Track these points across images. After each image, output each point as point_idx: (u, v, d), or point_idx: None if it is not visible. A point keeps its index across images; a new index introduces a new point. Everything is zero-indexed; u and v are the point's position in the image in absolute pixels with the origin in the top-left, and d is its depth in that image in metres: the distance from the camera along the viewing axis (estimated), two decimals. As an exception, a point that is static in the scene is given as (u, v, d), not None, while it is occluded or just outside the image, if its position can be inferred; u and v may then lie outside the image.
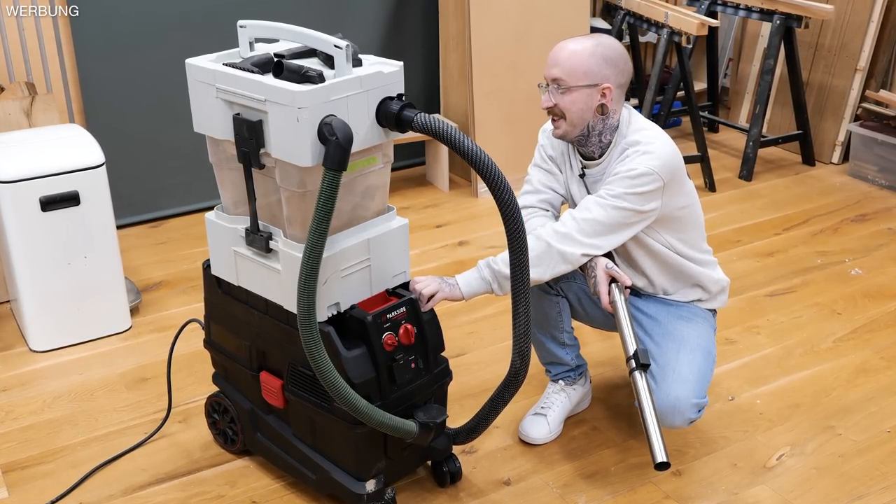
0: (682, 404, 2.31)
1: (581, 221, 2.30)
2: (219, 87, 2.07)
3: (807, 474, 2.54)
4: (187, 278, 3.61)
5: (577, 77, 2.27)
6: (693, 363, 2.36)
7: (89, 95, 3.85)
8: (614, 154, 2.36)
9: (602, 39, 2.31)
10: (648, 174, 2.25)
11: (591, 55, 2.27)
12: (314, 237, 1.94)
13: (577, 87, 2.28)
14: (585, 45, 2.29)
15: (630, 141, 2.32)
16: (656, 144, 2.29)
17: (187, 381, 2.94)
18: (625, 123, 2.35)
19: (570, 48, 2.30)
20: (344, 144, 1.92)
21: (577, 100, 2.29)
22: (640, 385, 2.20)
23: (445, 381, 2.36)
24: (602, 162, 2.38)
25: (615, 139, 2.36)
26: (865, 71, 4.69)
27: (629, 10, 4.72)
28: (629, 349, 2.25)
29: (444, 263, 3.76)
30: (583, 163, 2.43)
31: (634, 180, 2.26)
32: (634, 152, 2.29)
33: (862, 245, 3.92)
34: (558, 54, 2.30)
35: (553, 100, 2.32)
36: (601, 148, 2.37)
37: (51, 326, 3.10)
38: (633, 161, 2.28)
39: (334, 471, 2.29)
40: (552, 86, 2.31)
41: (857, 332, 3.26)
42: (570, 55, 2.28)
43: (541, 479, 2.52)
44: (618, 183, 2.28)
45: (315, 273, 1.96)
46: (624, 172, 2.28)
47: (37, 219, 2.95)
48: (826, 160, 4.88)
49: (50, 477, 2.53)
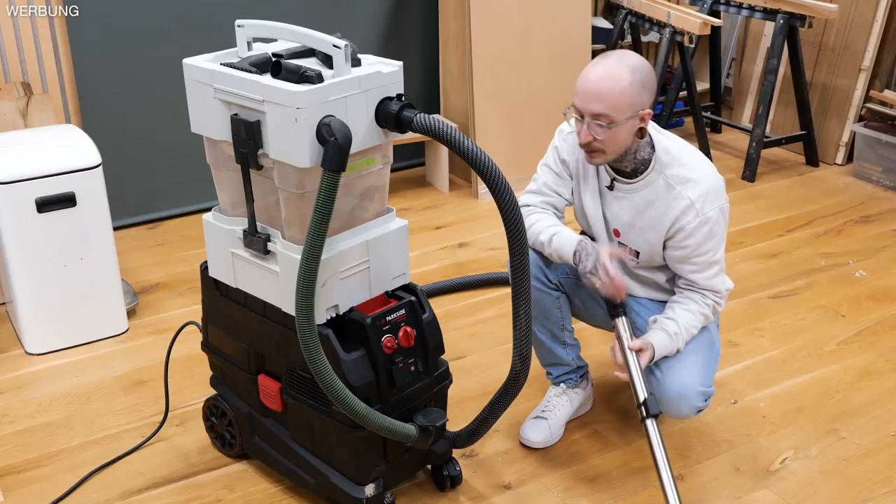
0: (689, 391, 2.34)
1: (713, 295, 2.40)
2: (216, 87, 2.07)
3: (810, 478, 2.53)
4: (185, 280, 3.60)
5: (623, 111, 2.18)
6: (698, 353, 2.40)
7: (85, 95, 3.84)
8: (657, 183, 2.32)
9: (632, 62, 2.20)
10: (722, 211, 2.33)
11: (631, 85, 2.18)
12: (313, 239, 1.93)
13: (623, 122, 2.21)
14: (623, 74, 2.17)
15: (678, 177, 2.31)
16: (706, 179, 2.31)
17: (185, 384, 2.93)
18: (658, 146, 2.33)
19: (609, 81, 2.17)
20: (343, 145, 1.91)
21: (622, 132, 2.22)
22: (651, 435, 2.28)
23: (445, 384, 2.35)
24: (638, 182, 2.35)
25: (653, 163, 2.32)
26: (870, 71, 4.67)
27: (631, 10, 4.72)
28: (639, 397, 2.30)
29: (444, 265, 3.75)
30: (613, 176, 2.39)
31: (716, 226, 2.32)
32: (699, 199, 2.29)
33: (866, 247, 3.91)
34: (597, 87, 2.18)
35: (595, 135, 2.22)
36: (635, 164, 2.34)
37: (47, 329, 3.09)
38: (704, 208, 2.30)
39: (333, 475, 2.28)
40: (593, 121, 2.21)
41: (862, 334, 3.25)
42: (612, 89, 2.17)
43: (542, 483, 2.51)
44: (705, 243, 2.32)
45: (313, 275, 1.96)
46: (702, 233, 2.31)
47: (32, 220, 2.94)
48: (830, 161, 4.86)
49: (46, 481, 2.52)
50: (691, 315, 2.37)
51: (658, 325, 2.37)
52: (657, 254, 2.40)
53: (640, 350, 2.33)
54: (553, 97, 4.34)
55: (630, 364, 2.33)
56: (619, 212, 2.40)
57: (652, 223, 2.35)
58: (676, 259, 2.38)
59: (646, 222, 2.36)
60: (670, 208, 2.31)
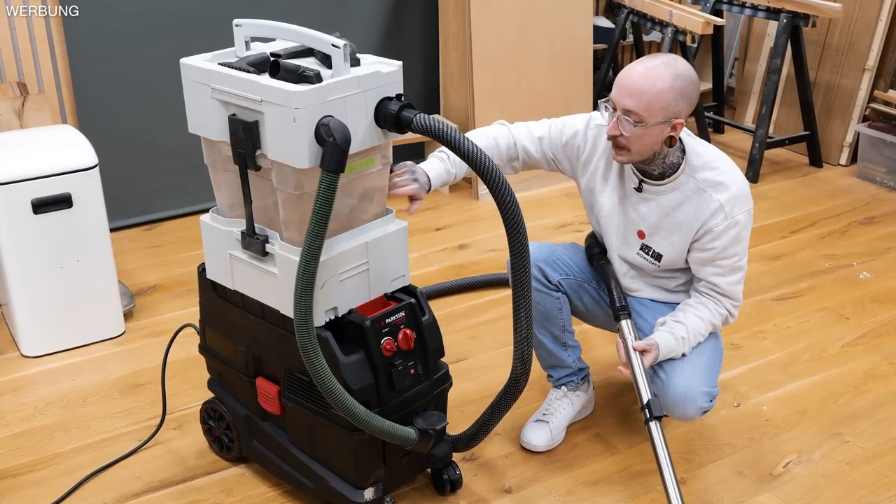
0: (694, 392, 2.34)
1: (729, 303, 2.40)
2: (214, 87, 2.06)
3: (814, 482, 2.52)
4: (182, 282, 3.59)
5: (654, 113, 2.18)
6: (702, 353, 2.40)
7: (82, 95, 3.82)
8: (688, 186, 2.32)
9: (679, 68, 2.19)
10: (749, 216, 2.34)
11: (669, 90, 2.16)
12: (311, 240, 1.93)
13: (652, 125, 2.20)
14: (665, 77, 2.16)
15: (709, 181, 2.31)
16: (736, 183, 2.33)
17: (182, 387, 2.92)
18: (690, 149, 2.32)
19: (649, 80, 2.17)
20: (342, 146, 1.91)
21: (649, 134, 2.21)
22: (655, 437, 2.27)
23: (445, 386, 2.34)
24: (666, 185, 2.34)
25: (683, 166, 2.32)
26: (874, 70, 4.66)
27: (633, 9, 4.72)
28: (643, 398, 2.31)
29: (444, 267, 3.74)
30: (641, 178, 2.37)
31: (743, 230, 2.33)
32: (728, 203, 2.30)
33: (870, 248, 3.90)
34: (635, 83, 2.18)
35: (622, 130, 2.22)
36: (663, 167, 2.33)
37: (43, 331, 3.08)
38: (734, 211, 2.31)
39: (332, 479, 2.27)
40: (623, 116, 2.20)
41: (866, 336, 3.24)
42: (649, 89, 2.16)
43: (543, 487, 2.50)
44: (731, 246, 2.33)
45: (312, 277, 1.95)
46: (730, 236, 2.31)
47: (28, 221, 2.92)
48: (834, 162, 4.85)
49: (42, 485, 2.51)
50: (701, 322, 2.36)
51: (666, 328, 2.36)
52: (680, 257, 2.40)
53: (645, 351, 2.32)
54: (554, 97, 4.33)
55: (634, 365, 2.33)
56: (647, 213, 2.39)
57: (679, 225, 2.35)
58: (701, 261, 2.37)
59: (673, 224, 2.36)
60: (699, 211, 2.32)
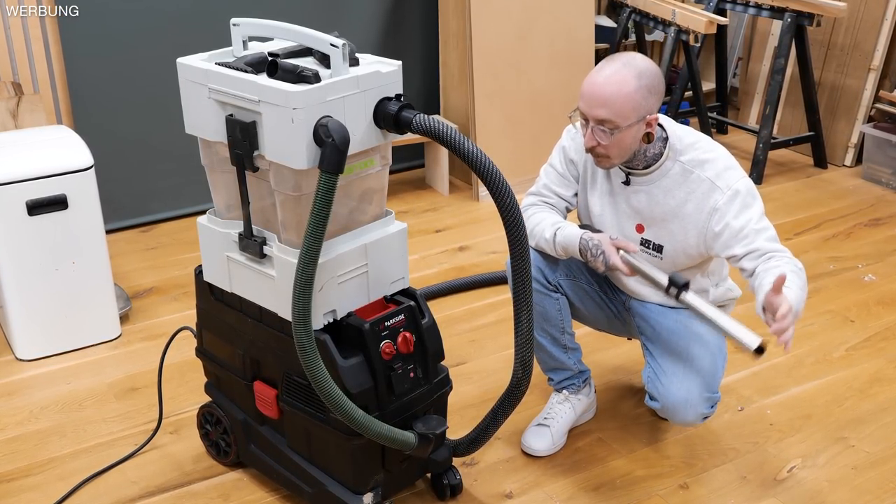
0: (694, 398, 2.34)
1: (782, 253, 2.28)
2: (211, 87, 2.06)
3: (819, 487, 2.51)
4: (179, 285, 3.58)
5: (627, 116, 2.19)
6: (704, 357, 2.39)
7: (77, 96, 3.82)
8: (674, 171, 2.31)
9: (639, 66, 2.19)
10: (748, 186, 2.32)
11: (637, 90, 2.17)
12: (310, 242, 1.93)
13: (627, 127, 2.21)
14: (628, 79, 2.17)
15: (693, 161, 2.30)
16: (720, 157, 2.33)
17: (179, 390, 2.92)
18: (672, 134, 2.32)
19: (614, 86, 2.17)
20: (340, 146, 1.90)
21: (626, 137, 2.22)
22: (694, 301, 2.29)
23: (445, 390, 2.34)
24: (653, 173, 2.33)
25: (667, 152, 2.32)
26: (879, 70, 4.65)
27: (635, 8, 4.73)
28: (663, 281, 2.32)
29: (444, 269, 3.74)
30: (626, 171, 2.37)
31: (748, 197, 2.30)
32: (718, 177, 2.29)
33: (876, 250, 3.90)
34: (602, 92, 2.18)
35: (599, 140, 2.23)
36: (646, 160, 2.33)
37: (38, 334, 3.08)
38: (729, 182, 2.30)
39: (330, 484, 2.27)
40: (597, 126, 2.22)
41: (871, 340, 3.23)
42: (617, 94, 2.17)
43: (544, 492, 2.50)
44: (742, 213, 2.28)
45: (310, 279, 1.95)
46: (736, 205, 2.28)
47: (23, 223, 2.92)
48: (838, 163, 4.84)
49: (37, 490, 2.51)
50: (794, 275, 2.22)
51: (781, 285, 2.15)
52: (680, 247, 2.37)
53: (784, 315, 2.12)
54: (555, 97, 4.32)
55: (638, 264, 2.33)
56: (639, 205, 2.39)
57: (674, 212, 2.34)
58: (725, 242, 2.29)
59: (666, 212, 2.35)
60: (697, 198, 2.30)
